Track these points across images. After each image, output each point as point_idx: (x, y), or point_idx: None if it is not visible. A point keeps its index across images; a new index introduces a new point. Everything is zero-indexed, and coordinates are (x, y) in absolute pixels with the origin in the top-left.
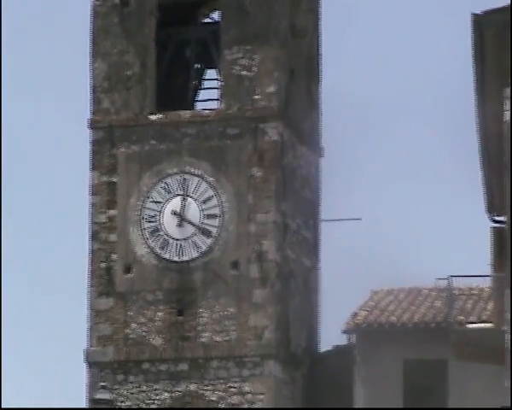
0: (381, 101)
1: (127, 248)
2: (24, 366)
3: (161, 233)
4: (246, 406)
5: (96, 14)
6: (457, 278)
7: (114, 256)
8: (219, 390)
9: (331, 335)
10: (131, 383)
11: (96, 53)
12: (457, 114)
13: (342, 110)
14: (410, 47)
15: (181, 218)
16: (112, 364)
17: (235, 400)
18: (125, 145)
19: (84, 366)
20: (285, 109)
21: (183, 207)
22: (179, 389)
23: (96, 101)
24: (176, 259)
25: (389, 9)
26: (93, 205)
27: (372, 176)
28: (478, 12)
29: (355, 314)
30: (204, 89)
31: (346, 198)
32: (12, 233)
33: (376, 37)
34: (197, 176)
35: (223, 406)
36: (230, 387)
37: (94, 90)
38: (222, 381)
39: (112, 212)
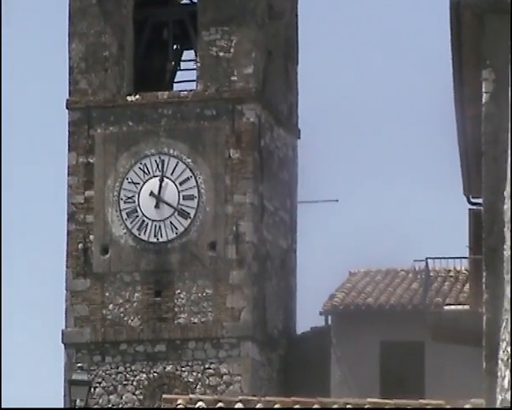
0: (358, 84)
1: (104, 229)
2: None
3: (139, 214)
4: (223, 387)
5: None
6: (434, 260)
7: (91, 237)
8: (196, 371)
9: (308, 316)
10: (109, 364)
11: (74, 34)
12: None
13: (320, 92)
14: (390, 29)
15: (158, 199)
16: (89, 345)
17: (212, 381)
18: (103, 126)
19: (61, 347)
20: (262, 91)
21: (161, 188)
22: (156, 371)
23: (73, 82)
24: (153, 240)
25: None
26: (70, 186)
27: (349, 158)
28: None
29: (332, 296)
30: (181, 70)
31: (322, 180)
32: None
33: (354, 20)
34: (174, 157)
35: (199, 386)
36: (207, 368)
37: (71, 70)
38: (199, 362)
39: (89, 193)
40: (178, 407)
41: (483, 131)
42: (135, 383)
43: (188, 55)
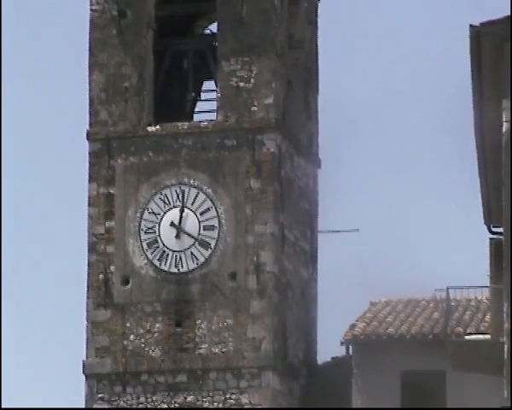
0: (379, 112)
1: (125, 260)
2: (23, 377)
3: (159, 245)
4: None
5: (94, 26)
6: (455, 289)
7: (112, 268)
8: (217, 402)
9: (329, 346)
10: (130, 394)
11: (94, 64)
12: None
13: (340, 121)
14: (409, 58)
15: (179, 229)
16: (110, 375)
17: None
18: (123, 157)
19: (82, 378)
20: (283, 121)
21: (181, 218)
22: (177, 401)
23: (93, 113)
24: (174, 270)
25: (387, 20)
26: (91, 217)
27: (370, 187)
28: (476, 24)
29: (353, 325)
30: (202, 100)
31: (343, 209)
32: (11, 244)
33: (375, 48)
34: (195, 187)
35: None
36: (229, 398)
37: (92, 101)
38: (220, 392)
39: (109, 223)
40: None
41: (504, 161)
42: None
43: (208, 85)
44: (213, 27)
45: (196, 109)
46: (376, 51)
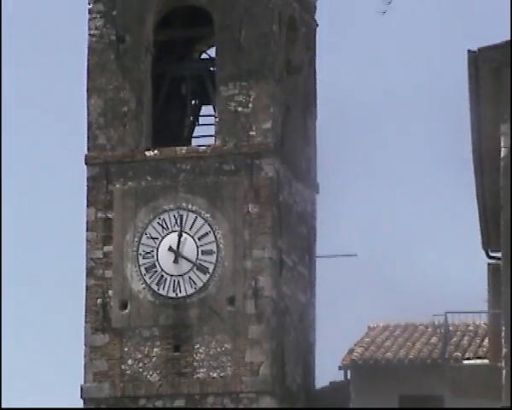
0: (375, 138)
1: (123, 285)
2: (22, 402)
3: (157, 269)
4: None
5: (93, 51)
6: (453, 314)
7: (110, 292)
8: None
9: (327, 371)
10: None
11: (93, 89)
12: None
13: (338, 146)
14: (408, 84)
15: (177, 254)
16: (108, 400)
17: None
18: (121, 181)
19: (80, 402)
20: (281, 146)
21: (179, 243)
22: None
23: (92, 137)
24: (172, 295)
25: (385, 46)
26: (89, 241)
27: (367, 212)
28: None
29: (351, 350)
30: (200, 125)
31: (341, 234)
32: (9, 268)
33: (372, 73)
34: (193, 212)
35: None
36: None
37: (90, 126)
38: None
39: (108, 248)
40: None
41: (501, 186)
42: None
43: (206, 110)
44: (212, 52)
45: (194, 134)
46: (374, 77)
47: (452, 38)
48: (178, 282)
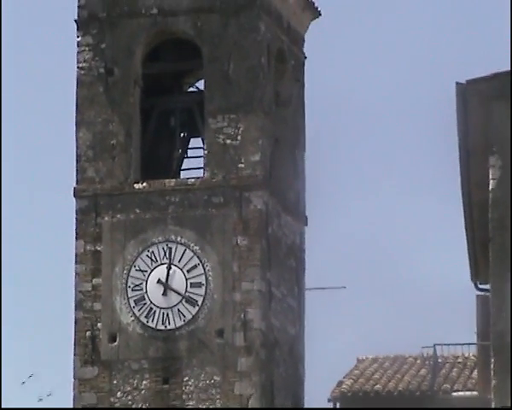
0: (364, 171)
1: (112, 317)
2: None
3: (146, 302)
4: None
5: (81, 83)
6: (442, 346)
7: (99, 325)
8: None
9: (317, 403)
10: None
11: (81, 122)
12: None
13: (326, 179)
14: (395, 115)
15: (166, 286)
16: None
17: None
18: (110, 214)
19: None
20: (270, 178)
21: (168, 275)
22: None
23: (80, 170)
24: (161, 327)
25: (374, 79)
26: (78, 274)
27: (356, 245)
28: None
29: (340, 382)
30: (189, 157)
31: (330, 267)
32: None
33: (360, 107)
34: (182, 244)
35: None
36: None
37: (79, 158)
38: None
39: (97, 280)
40: None
41: (490, 218)
42: None
43: (195, 142)
44: (200, 84)
45: (183, 166)
46: (361, 111)
47: (441, 69)
48: (167, 314)
